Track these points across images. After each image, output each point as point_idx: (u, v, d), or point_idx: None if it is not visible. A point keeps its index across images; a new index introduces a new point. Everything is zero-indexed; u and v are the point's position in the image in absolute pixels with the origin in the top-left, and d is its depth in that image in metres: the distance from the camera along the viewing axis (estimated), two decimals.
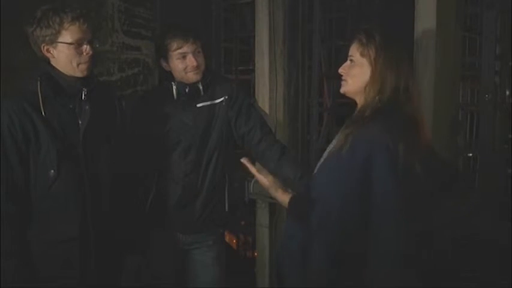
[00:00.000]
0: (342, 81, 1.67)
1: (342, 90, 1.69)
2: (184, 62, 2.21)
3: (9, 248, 1.80)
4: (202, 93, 2.29)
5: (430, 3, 2.05)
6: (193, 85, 2.26)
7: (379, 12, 3.39)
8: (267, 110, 2.63)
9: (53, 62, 1.88)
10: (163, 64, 2.27)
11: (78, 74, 1.89)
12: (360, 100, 1.64)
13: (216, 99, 2.31)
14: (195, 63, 2.20)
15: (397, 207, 1.48)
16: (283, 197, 1.78)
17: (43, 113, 1.83)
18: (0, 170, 1.80)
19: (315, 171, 1.69)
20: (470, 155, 2.81)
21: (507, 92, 2.66)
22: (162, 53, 2.25)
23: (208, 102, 2.30)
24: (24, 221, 1.86)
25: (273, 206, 2.73)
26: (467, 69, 2.80)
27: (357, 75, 1.62)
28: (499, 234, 2.07)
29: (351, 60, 1.64)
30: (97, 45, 1.93)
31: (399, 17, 2.60)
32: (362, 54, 1.60)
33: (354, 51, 1.63)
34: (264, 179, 1.86)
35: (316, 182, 1.61)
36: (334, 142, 1.69)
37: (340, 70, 1.68)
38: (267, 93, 2.65)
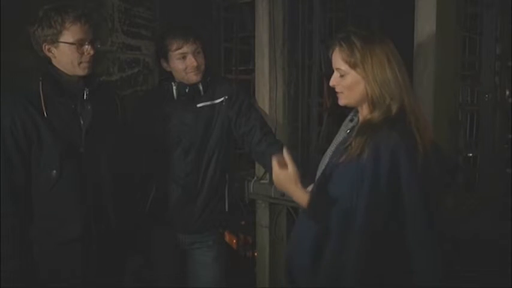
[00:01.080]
0: (337, 94, 1.63)
1: (341, 103, 1.63)
2: (184, 63, 2.21)
3: (10, 248, 1.80)
4: (202, 93, 2.29)
5: (430, 4, 2.05)
6: (193, 85, 2.26)
7: (379, 12, 3.39)
8: (267, 110, 2.63)
9: (54, 62, 1.89)
10: (164, 64, 2.28)
11: (80, 73, 1.89)
12: (365, 106, 1.60)
13: (216, 100, 2.32)
14: (195, 64, 2.21)
15: (427, 208, 1.49)
16: (302, 195, 1.62)
17: (45, 113, 1.83)
18: (2, 171, 1.80)
19: (321, 171, 1.68)
20: (470, 155, 2.80)
21: (507, 92, 2.67)
22: (163, 53, 2.25)
23: (208, 103, 2.31)
24: (26, 222, 1.86)
25: (273, 206, 2.73)
26: (467, 69, 2.80)
27: (352, 86, 1.57)
28: (499, 234, 2.07)
29: (340, 73, 1.58)
30: (99, 46, 1.92)
31: (399, 17, 2.60)
32: (350, 66, 1.55)
33: (340, 63, 1.57)
34: (280, 171, 1.63)
35: (332, 187, 1.58)
36: (338, 140, 1.68)
37: (332, 83, 1.62)
38: (267, 93, 2.64)
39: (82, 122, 1.90)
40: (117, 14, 2.95)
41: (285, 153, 1.61)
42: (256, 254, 2.88)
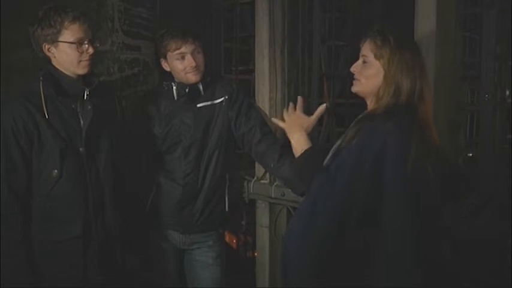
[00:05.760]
0: (354, 80, 1.66)
1: (354, 90, 1.67)
2: (183, 63, 2.22)
3: (11, 247, 1.81)
4: (202, 93, 2.29)
5: (430, 3, 2.05)
6: (193, 85, 2.26)
7: (379, 12, 3.38)
8: (267, 110, 2.62)
9: (54, 62, 1.90)
10: (164, 64, 2.28)
11: (80, 72, 1.90)
12: (371, 101, 1.63)
13: (216, 100, 2.32)
14: (193, 64, 2.21)
15: (407, 202, 1.47)
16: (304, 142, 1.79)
17: (45, 113, 1.84)
18: (4, 171, 1.81)
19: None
20: (470, 155, 2.80)
21: (507, 92, 2.66)
22: (162, 53, 2.25)
23: (209, 103, 2.31)
24: (27, 221, 1.86)
25: (273, 206, 2.73)
26: (467, 69, 2.79)
27: (370, 76, 1.61)
28: (499, 234, 2.06)
29: (364, 60, 1.63)
30: (98, 45, 1.93)
31: (399, 16, 2.59)
32: (376, 56, 1.59)
33: (368, 51, 1.62)
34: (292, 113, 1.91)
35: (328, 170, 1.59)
36: (341, 139, 1.68)
37: (353, 69, 1.66)
38: (267, 93, 2.64)
39: (82, 122, 1.91)
40: (117, 14, 2.95)
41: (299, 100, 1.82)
42: (256, 254, 2.88)
